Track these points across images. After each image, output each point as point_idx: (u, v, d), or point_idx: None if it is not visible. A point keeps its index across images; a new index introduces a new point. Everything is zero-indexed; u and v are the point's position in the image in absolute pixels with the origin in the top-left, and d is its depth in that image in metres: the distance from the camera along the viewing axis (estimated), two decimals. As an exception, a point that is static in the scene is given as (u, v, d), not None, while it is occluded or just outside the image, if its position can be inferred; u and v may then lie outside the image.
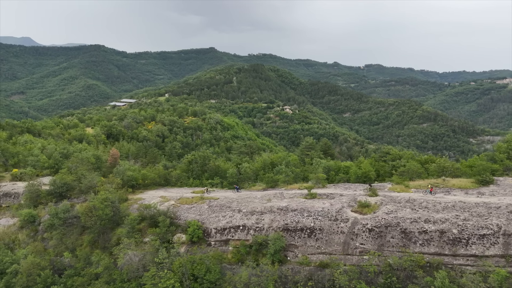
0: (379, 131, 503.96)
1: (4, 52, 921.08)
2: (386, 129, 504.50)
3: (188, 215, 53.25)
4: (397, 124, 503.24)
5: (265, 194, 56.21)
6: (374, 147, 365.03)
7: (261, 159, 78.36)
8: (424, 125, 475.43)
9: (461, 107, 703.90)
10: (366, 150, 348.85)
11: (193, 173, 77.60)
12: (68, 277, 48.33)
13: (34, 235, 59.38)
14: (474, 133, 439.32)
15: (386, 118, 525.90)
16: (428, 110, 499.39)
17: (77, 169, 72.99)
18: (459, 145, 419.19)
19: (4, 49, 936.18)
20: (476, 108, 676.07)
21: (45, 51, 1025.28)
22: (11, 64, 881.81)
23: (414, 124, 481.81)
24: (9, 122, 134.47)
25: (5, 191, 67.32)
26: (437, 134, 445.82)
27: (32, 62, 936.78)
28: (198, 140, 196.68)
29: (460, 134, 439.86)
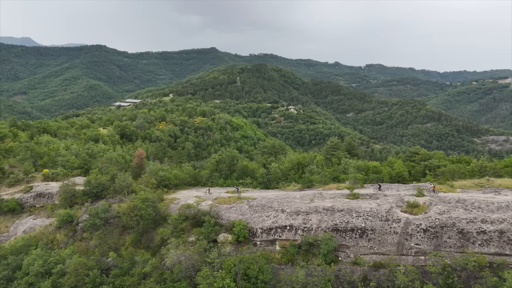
0: (382, 131, 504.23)
1: (6, 52, 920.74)
2: (390, 129, 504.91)
3: (230, 215, 53.55)
4: (401, 124, 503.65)
5: (304, 194, 56.49)
6: (380, 147, 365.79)
7: (288, 159, 78.65)
8: (428, 124, 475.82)
9: (463, 107, 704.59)
10: (372, 150, 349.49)
11: (221, 173, 77.89)
12: (115, 276, 48.60)
13: (72, 235, 59.65)
14: (479, 132, 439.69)
15: (389, 118, 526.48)
16: (432, 109, 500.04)
17: (108, 169, 73.31)
18: (464, 145, 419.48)
19: (6, 50, 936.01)
20: (478, 108, 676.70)
21: (46, 51, 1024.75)
22: (12, 64, 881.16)
23: (418, 124, 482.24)
24: (25, 122, 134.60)
25: (39, 192, 67.52)
26: (442, 133, 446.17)
27: (34, 62, 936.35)
28: (209, 140, 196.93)
29: (464, 133, 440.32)
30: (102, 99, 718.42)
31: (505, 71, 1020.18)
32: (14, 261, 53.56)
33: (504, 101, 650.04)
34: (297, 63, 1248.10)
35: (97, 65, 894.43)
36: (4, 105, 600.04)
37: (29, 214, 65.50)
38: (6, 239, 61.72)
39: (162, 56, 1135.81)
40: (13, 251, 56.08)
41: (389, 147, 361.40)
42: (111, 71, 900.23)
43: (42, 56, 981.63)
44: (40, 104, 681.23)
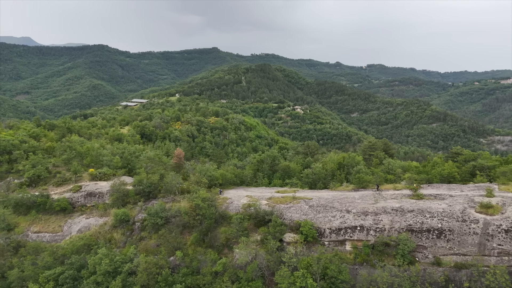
0: (388, 131, 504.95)
1: (8, 52, 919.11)
2: (395, 129, 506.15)
3: (292, 215, 53.87)
4: (406, 124, 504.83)
5: (362, 195, 56.89)
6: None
7: (330, 159, 78.99)
8: (434, 125, 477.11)
9: (466, 107, 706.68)
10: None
11: (264, 173, 78.21)
12: (184, 275, 48.88)
13: (130, 234, 59.89)
14: (484, 133, 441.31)
15: (394, 118, 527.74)
16: (438, 110, 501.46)
17: (154, 169, 73.59)
18: (470, 145, 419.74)
19: (8, 49, 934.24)
20: (481, 108, 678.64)
21: (48, 51, 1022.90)
22: (15, 64, 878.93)
23: (423, 124, 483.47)
24: (50, 122, 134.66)
25: (89, 191, 67.74)
26: (447, 134, 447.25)
27: (36, 62, 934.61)
28: (225, 140, 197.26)
29: (470, 134, 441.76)
30: (105, 99, 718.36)
31: (506, 71, 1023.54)
32: (78, 260, 53.82)
33: (507, 102, 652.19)
34: (299, 63, 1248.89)
35: (100, 65, 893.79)
36: (8, 105, 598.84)
37: (81, 213, 65.71)
38: (61, 238, 61.95)
39: (163, 56, 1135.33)
40: (74, 250, 56.34)
41: (397, 147, 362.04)
42: (114, 71, 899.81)
43: (44, 56, 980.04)
44: (43, 104, 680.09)
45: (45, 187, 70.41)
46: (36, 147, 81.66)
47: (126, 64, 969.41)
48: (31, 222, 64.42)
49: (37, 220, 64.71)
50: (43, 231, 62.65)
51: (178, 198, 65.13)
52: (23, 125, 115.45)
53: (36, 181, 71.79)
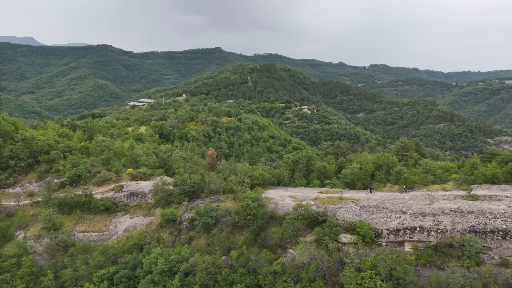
0: (394, 131, 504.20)
1: (12, 52, 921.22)
2: (402, 129, 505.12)
3: (344, 216, 53.94)
4: (413, 124, 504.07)
5: (412, 196, 56.99)
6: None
7: (365, 159, 79.03)
8: (441, 125, 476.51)
9: (471, 107, 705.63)
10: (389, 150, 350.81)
11: (300, 173, 78.25)
12: (242, 275, 49.01)
13: (178, 233, 60.03)
14: (491, 133, 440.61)
15: (401, 118, 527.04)
16: (444, 110, 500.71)
17: (193, 169, 73.76)
18: (477, 145, 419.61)
19: (12, 49, 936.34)
20: (486, 108, 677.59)
21: (52, 51, 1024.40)
22: (19, 64, 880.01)
23: (430, 124, 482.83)
24: (72, 122, 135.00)
25: (131, 191, 67.89)
26: (454, 134, 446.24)
27: (40, 61, 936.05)
28: (240, 140, 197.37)
29: (477, 134, 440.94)
30: (110, 99, 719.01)
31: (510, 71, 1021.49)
32: (131, 259, 54.02)
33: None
34: (302, 63, 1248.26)
35: (104, 65, 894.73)
36: (14, 105, 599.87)
37: (124, 213, 65.86)
38: (108, 238, 62.14)
39: (167, 56, 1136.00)
40: (125, 249, 56.58)
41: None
42: (118, 71, 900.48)
43: (48, 56, 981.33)
44: (48, 104, 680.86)
45: (86, 187, 70.61)
46: (71, 147, 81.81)
47: (129, 64, 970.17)
48: (76, 222, 64.61)
49: (81, 219, 64.90)
50: (89, 231, 62.84)
51: (221, 198, 65.32)
52: (48, 125, 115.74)
53: (76, 180, 71.99)
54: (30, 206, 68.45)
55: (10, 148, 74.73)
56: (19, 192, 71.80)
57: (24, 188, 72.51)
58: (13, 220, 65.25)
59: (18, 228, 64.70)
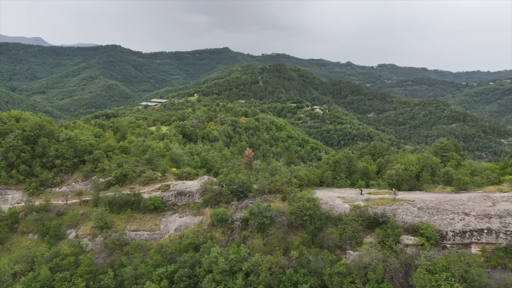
0: (406, 132, 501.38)
1: (23, 52, 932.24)
2: (413, 129, 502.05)
3: (402, 217, 53.60)
4: (425, 124, 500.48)
5: (470, 197, 56.58)
6: (411, 147, 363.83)
7: (406, 160, 78.51)
8: (453, 125, 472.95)
9: (482, 107, 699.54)
10: (403, 150, 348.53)
11: (341, 174, 77.97)
12: (305, 275, 48.98)
13: (231, 233, 60.16)
14: (506, 133, 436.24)
15: (412, 118, 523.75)
16: (457, 110, 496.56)
17: (237, 168, 73.92)
18: (491, 146, 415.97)
19: (23, 49, 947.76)
20: (497, 109, 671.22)
21: (62, 51, 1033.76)
22: (30, 64, 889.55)
23: (442, 124, 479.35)
24: (99, 122, 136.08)
25: (179, 190, 68.18)
26: (468, 134, 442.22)
27: (50, 62, 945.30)
28: (259, 140, 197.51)
29: (491, 134, 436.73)
30: (120, 99, 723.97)
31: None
32: (190, 258, 54.26)
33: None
34: (309, 63, 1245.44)
35: (113, 65, 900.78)
36: (26, 104, 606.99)
37: (173, 212, 66.15)
38: (160, 237, 62.47)
39: (175, 56, 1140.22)
40: (181, 248, 56.85)
41: (421, 147, 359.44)
42: (127, 71, 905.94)
43: (58, 56, 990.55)
44: (59, 104, 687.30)
45: (132, 186, 71.09)
46: (113, 147, 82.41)
47: (138, 64, 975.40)
48: (126, 220, 65.06)
49: (131, 218, 65.33)
50: (140, 229, 63.23)
51: (269, 198, 65.36)
52: (79, 125, 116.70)
53: (122, 180, 72.46)
54: (78, 205, 69.09)
55: (56, 148, 75.45)
56: (66, 191, 72.52)
57: (71, 187, 73.20)
58: (64, 219, 65.88)
59: (69, 227, 65.34)
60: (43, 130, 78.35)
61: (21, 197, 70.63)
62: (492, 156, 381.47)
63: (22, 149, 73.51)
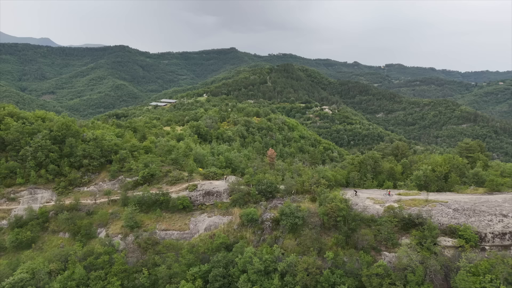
0: (415, 132, 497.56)
1: (32, 52, 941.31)
2: (423, 129, 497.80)
3: (438, 218, 53.11)
4: (434, 124, 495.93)
5: (505, 198, 56.06)
6: (422, 148, 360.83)
7: (434, 161, 77.84)
8: (464, 125, 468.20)
9: (492, 108, 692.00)
10: (414, 151, 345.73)
11: (366, 174, 77.53)
12: (341, 276, 48.77)
13: (261, 233, 60.12)
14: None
15: (422, 119, 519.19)
16: (467, 110, 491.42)
17: (263, 169, 73.86)
18: (503, 147, 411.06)
19: (32, 50, 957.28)
20: (508, 109, 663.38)
21: (71, 52, 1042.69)
22: (39, 65, 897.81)
23: (452, 124, 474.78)
24: (117, 122, 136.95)
25: (207, 190, 68.36)
26: (479, 135, 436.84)
27: (59, 62, 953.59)
28: (272, 140, 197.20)
29: (502, 135, 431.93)
30: (128, 99, 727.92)
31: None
32: (223, 258, 54.33)
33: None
34: (316, 63, 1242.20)
35: (121, 65, 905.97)
36: (36, 104, 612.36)
37: (201, 211, 66.34)
38: (190, 236, 62.67)
39: (182, 56, 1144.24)
40: (213, 248, 56.93)
41: (432, 148, 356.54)
42: (135, 71, 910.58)
43: (67, 57, 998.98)
44: (69, 104, 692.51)
45: (159, 186, 71.40)
46: (137, 147, 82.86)
47: (146, 65, 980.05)
48: (155, 220, 65.36)
49: (160, 218, 65.60)
50: (170, 229, 63.48)
51: (298, 199, 65.24)
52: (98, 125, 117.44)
53: (149, 180, 72.81)
54: (107, 204, 69.58)
55: (83, 148, 76.04)
56: (94, 190, 73.06)
57: (99, 186, 73.72)
58: (94, 218, 66.36)
59: (99, 226, 65.80)
60: (70, 130, 78.99)
61: (50, 197, 71.30)
62: (504, 157, 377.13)
63: (50, 148, 74.18)
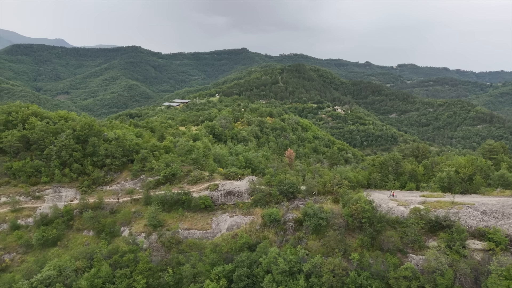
0: (429, 133, 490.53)
1: (47, 53, 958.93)
2: (437, 130, 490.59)
3: (466, 221, 52.20)
4: (449, 125, 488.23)
5: (535, 200, 54.69)
6: (436, 149, 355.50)
7: (458, 163, 76.62)
8: (479, 126, 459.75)
9: (507, 108, 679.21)
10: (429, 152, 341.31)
11: (388, 176, 76.69)
12: (367, 278, 48.37)
13: (284, 233, 60.04)
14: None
15: (436, 119, 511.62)
16: (483, 111, 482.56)
17: (283, 169, 73.73)
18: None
19: (47, 51, 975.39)
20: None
21: (84, 52, 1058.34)
22: (54, 65, 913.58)
23: (468, 125, 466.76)
24: (134, 122, 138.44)
25: (228, 190, 68.59)
26: (495, 136, 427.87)
27: (74, 63, 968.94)
28: (286, 141, 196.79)
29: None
30: (141, 99, 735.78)
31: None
32: (246, 258, 54.41)
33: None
34: (328, 63, 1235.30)
35: (134, 66, 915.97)
36: (51, 104, 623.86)
37: (223, 211, 66.55)
38: (212, 235, 62.94)
39: (194, 57, 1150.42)
40: (236, 248, 57.07)
41: (447, 149, 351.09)
42: (147, 72, 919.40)
43: (81, 57, 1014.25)
44: (83, 104, 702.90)
45: (180, 185, 71.90)
46: (158, 146, 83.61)
47: (158, 65, 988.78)
48: (178, 219, 65.83)
49: (183, 217, 66.04)
50: (193, 228, 63.86)
51: (320, 199, 64.91)
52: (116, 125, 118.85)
53: (170, 179, 73.38)
54: (129, 203, 70.38)
55: (105, 147, 77.07)
56: (117, 189, 73.98)
57: (121, 185, 74.64)
58: (117, 216, 67.18)
59: (122, 224, 66.59)
60: (92, 130, 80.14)
61: (74, 195, 72.46)
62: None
63: (74, 148, 75.41)
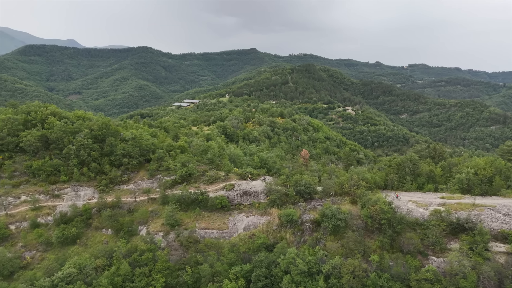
0: (441, 134, 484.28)
1: (59, 54, 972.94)
2: (449, 131, 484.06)
3: (489, 223, 51.55)
4: (461, 126, 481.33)
5: (559, 203, 53.65)
6: (449, 150, 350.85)
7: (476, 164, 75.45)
8: (493, 127, 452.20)
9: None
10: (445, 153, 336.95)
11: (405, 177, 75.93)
12: (388, 280, 48.02)
13: (301, 234, 59.92)
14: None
15: (448, 120, 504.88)
16: (496, 111, 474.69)
17: (299, 170, 73.58)
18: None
19: (59, 51, 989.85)
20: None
21: (96, 53, 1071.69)
22: (66, 66, 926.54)
23: (481, 126, 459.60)
24: (147, 122, 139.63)
25: (244, 190, 68.78)
26: (508, 137, 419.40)
27: (85, 63, 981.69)
28: (297, 141, 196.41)
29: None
30: (151, 99, 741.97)
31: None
32: (265, 258, 54.46)
33: None
34: (337, 63, 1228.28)
35: (144, 66, 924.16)
36: (64, 104, 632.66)
37: (239, 211, 66.72)
38: (229, 235, 63.14)
39: (203, 57, 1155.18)
40: (254, 248, 57.16)
41: (459, 150, 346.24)
42: (157, 72, 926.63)
43: (92, 58, 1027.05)
44: (94, 104, 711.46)
45: (197, 185, 72.35)
46: (173, 146, 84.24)
47: (168, 65, 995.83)
48: (194, 218, 66.22)
49: (199, 216, 66.39)
50: (210, 228, 64.17)
51: (337, 200, 64.62)
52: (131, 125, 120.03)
53: (187, 179, 73.85)
54: (147, 202, 71.04)
55: (122, 147, 77.93)
56: (134, 189, 74.76)
57: (138, 185, 75.41)
58: (135, 215, 67.88)
59: (140, 223, 67.25)
60: (109, 130, 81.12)
61: (92, 194, 73.46)
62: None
63: (92, 147, 76.43)
